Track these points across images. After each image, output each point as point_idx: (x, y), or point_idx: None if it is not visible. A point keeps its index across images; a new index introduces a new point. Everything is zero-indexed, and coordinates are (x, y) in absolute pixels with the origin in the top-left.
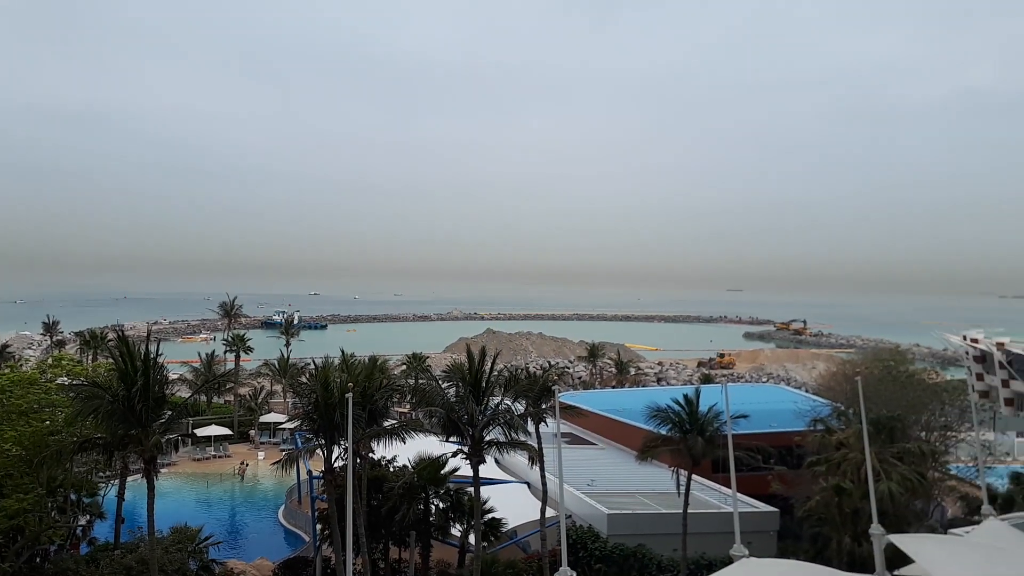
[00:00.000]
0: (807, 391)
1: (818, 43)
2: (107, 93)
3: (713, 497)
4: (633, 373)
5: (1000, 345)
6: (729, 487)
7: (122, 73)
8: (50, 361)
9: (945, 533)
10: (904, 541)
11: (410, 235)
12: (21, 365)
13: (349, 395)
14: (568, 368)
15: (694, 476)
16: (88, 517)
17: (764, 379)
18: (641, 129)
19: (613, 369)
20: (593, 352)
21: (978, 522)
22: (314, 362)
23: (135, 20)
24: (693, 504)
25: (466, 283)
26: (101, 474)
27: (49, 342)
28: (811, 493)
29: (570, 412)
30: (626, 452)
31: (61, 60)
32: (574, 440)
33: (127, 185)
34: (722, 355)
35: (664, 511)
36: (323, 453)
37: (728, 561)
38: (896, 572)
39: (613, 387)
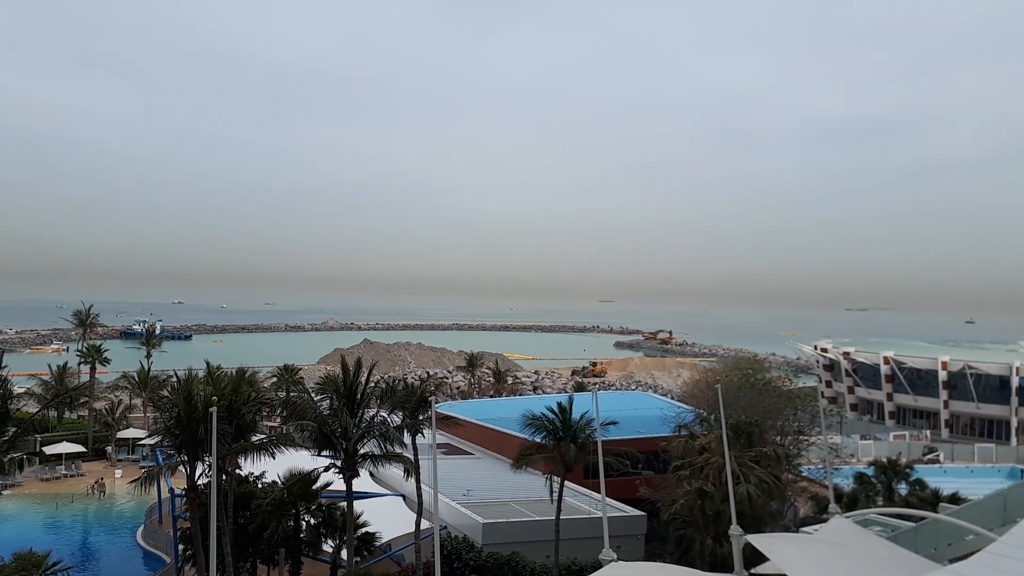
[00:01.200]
0: (672, 398)
1: (685, 65)
2: None
3: (584, 503)
4: (511, 382)
5: (846, 354)
6: (599, 492)
7: None
8: None
9: (797, 532)
10: (760, 541)
11: (283, 243)
12: None
13: (214, 409)
14: (447, 378)
15: (567, 482)
16: None
17: (633, 387)
18: (515, 141)
19: (491, 379)
20: (472, 362)
21: (826, 520)
22: (177, 374)
23: None
24: (565, 510)
25: (342, 293)
26: None
27: None
28: (676, 496)
29: (447, 422)
30: (502, 461)
31: None
32: (451, 450)
33: None
34: (594, 364)
35: (538, 518)
36: (186, 470)
37: (598, 565)
38: (753, 571)
39: (491, 396)
